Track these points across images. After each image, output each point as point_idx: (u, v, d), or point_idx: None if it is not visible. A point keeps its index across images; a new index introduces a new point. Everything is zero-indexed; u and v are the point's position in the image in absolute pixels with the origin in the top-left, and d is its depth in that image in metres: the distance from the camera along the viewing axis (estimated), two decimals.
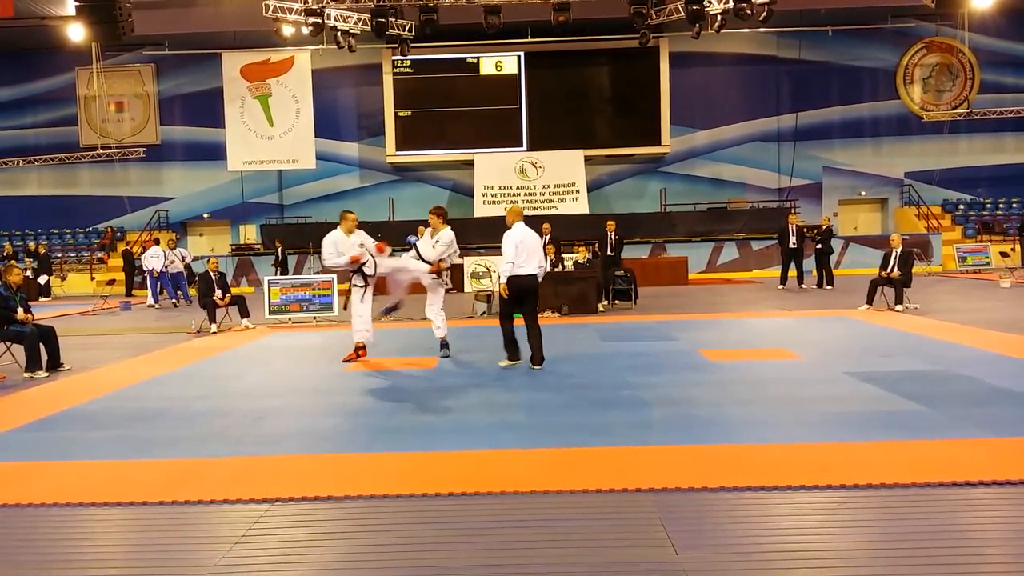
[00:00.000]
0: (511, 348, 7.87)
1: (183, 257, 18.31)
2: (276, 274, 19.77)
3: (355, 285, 8.49)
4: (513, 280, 7.63)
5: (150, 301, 17.53)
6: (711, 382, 6.90)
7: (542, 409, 6.01)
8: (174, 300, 17.58)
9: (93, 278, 22.45)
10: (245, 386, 7.45)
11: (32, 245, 22.90)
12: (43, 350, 8.56)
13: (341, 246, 8.38)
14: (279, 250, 21.41)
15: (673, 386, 6.77)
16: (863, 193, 25.45)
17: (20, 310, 8.58)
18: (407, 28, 19.64)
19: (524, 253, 7.63)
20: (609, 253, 14.83)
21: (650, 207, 24.63)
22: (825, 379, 6.85)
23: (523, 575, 3.23)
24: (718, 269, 22.40)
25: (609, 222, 15.30)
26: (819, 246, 16.46)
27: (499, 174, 24.14)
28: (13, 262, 11.43)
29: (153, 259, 17.55)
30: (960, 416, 5.42)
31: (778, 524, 3.68)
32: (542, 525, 3.70)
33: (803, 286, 16.40)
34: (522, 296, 7.73)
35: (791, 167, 25.18)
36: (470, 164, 24.59)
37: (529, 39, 23.76)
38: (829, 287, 16.10)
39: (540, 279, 7.89)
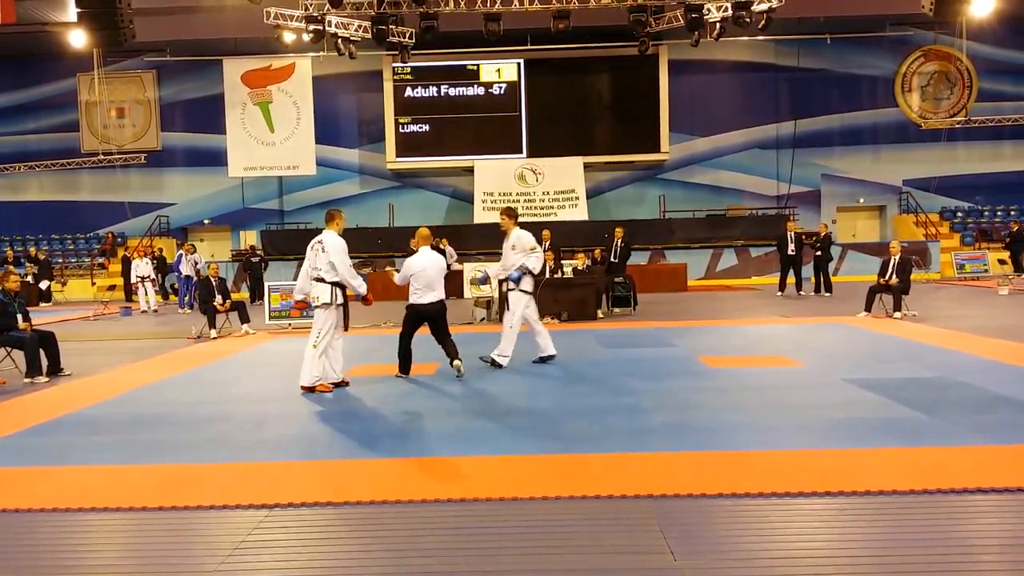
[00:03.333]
0: (404, 361, 7.82)
1: (196, 263, 18.35)
2: (249, 295, 19.28)
3: (339, 304, 7.39)
4: (414, 308, 7.65)
5: (143, 307, 17.56)
6: (710, 388, 6.91)
7: (541, 415, 6.02)
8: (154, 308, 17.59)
9: (94, 283, 22.46)
10: (245, 391, 7.45)
11: (33, 250, 22.91)
12: (43, 355, 8.57)
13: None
14: (247, 258, 20.16)
15: (672, 392, 6.77)
16: (861, 200, 25.51)
17: (19, 317, 8.59)
18: (407, 35, 19.70)
19: (423, 282, 7.59)
20: (613, 259, 14.86)
21: (649, 214, 24.66)
22: (824, 386, 6.86)
23: None
24: (717, 276, 22.42)
25: (617, 228, 15.33)
26: (819, 253, 16.48)
27: (499, 181, 24.18)
28: (11, 267, 11.45)
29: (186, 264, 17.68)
30: (959, 423, 5.42)
31: (777, 531, 3.69)
32: (541, 531, 3.70)
33: (801, 293, 16.42)
34: (426, 321, 7.75)
35: (790, 174, 25.23)
36: (470, 171, 24.64)
37: (529, 46, 23.84)
38: (828, 294, 16.11)
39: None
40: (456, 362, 7.65)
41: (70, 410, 6.75)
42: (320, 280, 7.24)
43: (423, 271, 7.62)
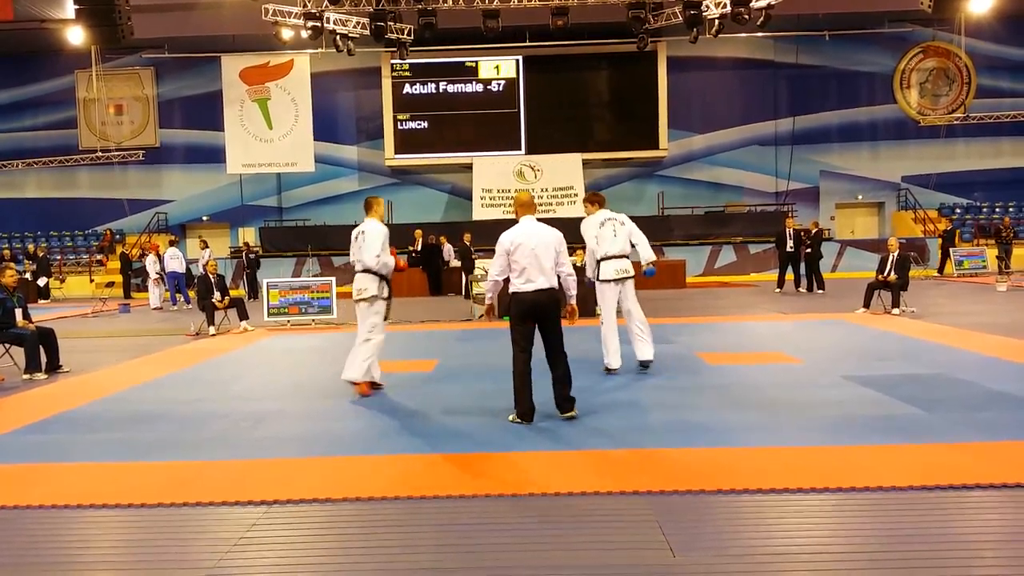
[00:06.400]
0: (522, 397, 5.64)
1: (207, 258, 18.36)
2: (245, 291, 19.25)
3: (384, 298, 6.84)
4: (518, 299, 5.62)
5: (157, 303, 17.56)
6: (709, 385, 6.91)
7: (539, 412, 6.00)
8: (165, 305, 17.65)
9: (92, 280, 22.45)
10: (244, 389, 7.45)
11: (31, 247, 22.90)
12: (42, 352, 8.56)
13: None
14: (244, 255, 20.20)
15: (671, 389, 6.78)
16: (860, 197, 25.53)
17: (19, 312, 8.58)
18: (406, 32, 19.68)
19: (524, 261, 5.57)
20: None
21: (648, 211, 24.68)
22: (823, 383, 6.86)
23: None
24: (715, 272, 22.44)
25: None
26: (808, 251, 16.49)
27: (497, 177, 24.19)
28: (11, 264, 11.43)
29: (173, 260, 17.64)
30: (957, 420, 5.43)
31: (775, 527, 3.70)
32: (540, 527, 3.71)
33: (801, 289, 16.43)
34: (535, 318, 5.62)
35: (788, 171, 25.24)
36: (469, 167, 24.64)
37: (527, 43, 23.83)
38: (820, 291, 16.07)
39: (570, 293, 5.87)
40: (569, 413, 5.67)
41: (69, 407, 6.75)
42: (368, 272, 6.73)
43: (521, 246, 5.57)
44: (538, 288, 5.56)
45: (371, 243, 6.75)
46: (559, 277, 5.73)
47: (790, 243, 16.35)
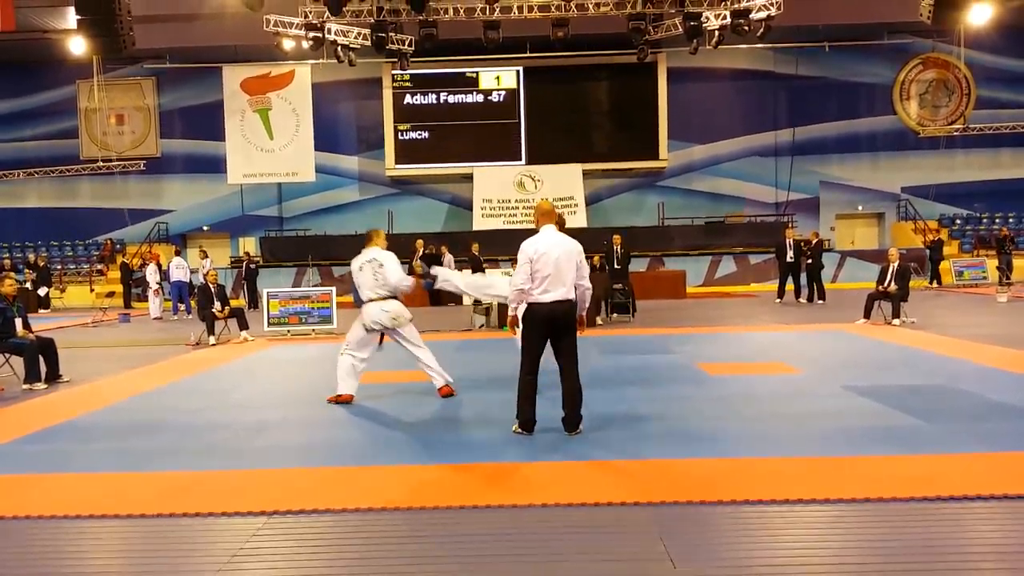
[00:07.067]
0: (525, 408, 5.62)
1: (207, 268, 18.33)
2: (243, 298, 19.22)
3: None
4: (534, 310, 5.48)
5: (157, 313, 17.51)
6: (709, 396, 6.90)
7: (541, 422, 6.00)
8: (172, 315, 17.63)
9: (92, 290, 22.45)
10: (244, 398, 7.44)
11: (32, 257, 22.89)
12: (42, 362, 8.56)
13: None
14: (245, 265, 20.25)
15: (671, 400, 6.77)
16: (860, 208, 25.56)
17: (19, 322, 8.58)
18: (407, 43, 19.76)
19: (546, 270, 5.41)
20: (616, 266, 14.93)
21: (648, 221, 24.71)
22: (823, 393, 6.86)
23: None
24: (716, 283, 22.44)
25: (615, 236, 15.44)
26: (809, 261, 16.50)
27: (498, 188, 24.23)
28: (11, 273, 11.43)
29: (178, 270, 17.61)
30: (958, 430, 5.42)
31: (776, 538, 3.69)
32: (541, 538, 3.70)
33: (801, 300, 16.43)
34: (550, 331, 5.53)
35: (788, 182, 25.28)
36: (469, 178, 24.68)
37: (528, 54, 23.90)
38: (820, 301, 16.06)
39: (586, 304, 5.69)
40: (576, 431, 5.56)
41: (69, 417, 6.74)
42: (392, 297, 6.98)
43: (545, 255, 5.43)
44: (556, 300, 5.43)
45: (394, 267, 6.97)
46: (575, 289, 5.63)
47: (790, 253, 16.36)
